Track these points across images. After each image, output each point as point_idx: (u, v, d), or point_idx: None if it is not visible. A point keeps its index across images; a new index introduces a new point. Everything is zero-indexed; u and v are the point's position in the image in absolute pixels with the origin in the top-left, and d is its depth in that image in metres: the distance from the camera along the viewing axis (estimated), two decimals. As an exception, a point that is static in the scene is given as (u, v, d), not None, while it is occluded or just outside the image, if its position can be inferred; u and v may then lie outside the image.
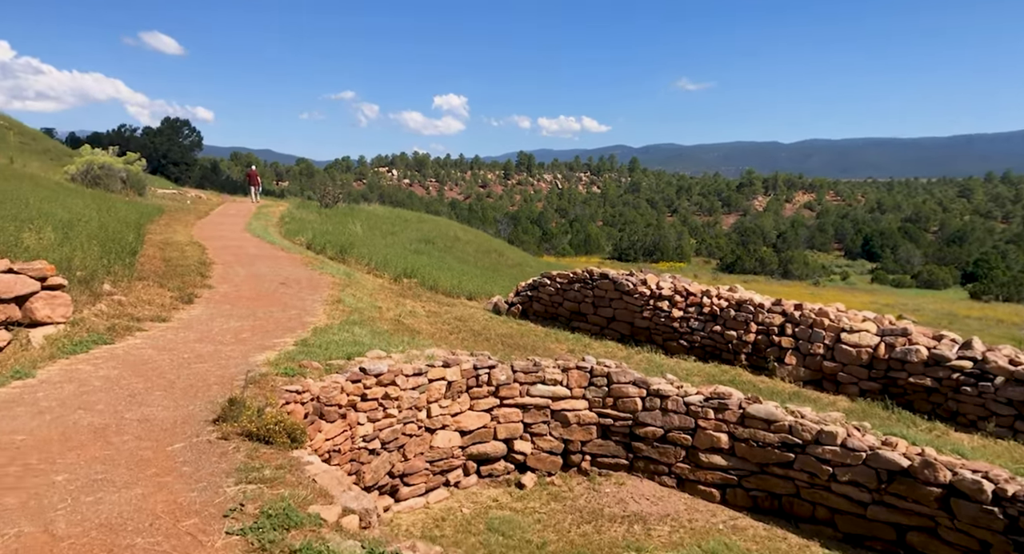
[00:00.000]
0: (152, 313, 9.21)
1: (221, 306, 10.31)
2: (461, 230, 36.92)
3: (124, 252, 11.37)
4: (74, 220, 11.70)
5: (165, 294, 10.37)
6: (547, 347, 11.05)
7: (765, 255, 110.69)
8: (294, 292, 11.91)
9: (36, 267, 7.27)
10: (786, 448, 7.65)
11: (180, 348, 7.67)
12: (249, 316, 9.81)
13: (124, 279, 10.32)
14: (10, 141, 34.74)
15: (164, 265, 12.59)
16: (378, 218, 33.98)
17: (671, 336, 11.20)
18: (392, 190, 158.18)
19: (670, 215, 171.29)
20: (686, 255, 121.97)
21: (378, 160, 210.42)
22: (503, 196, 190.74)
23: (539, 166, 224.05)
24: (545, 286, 12.74)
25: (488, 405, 8.52)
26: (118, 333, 7.98)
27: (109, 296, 9.26)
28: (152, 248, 14.42)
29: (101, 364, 6.66)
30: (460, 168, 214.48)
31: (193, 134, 59.67)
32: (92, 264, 9.58)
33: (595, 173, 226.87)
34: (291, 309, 10.54)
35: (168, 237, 17.36)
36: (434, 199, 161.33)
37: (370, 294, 12.94)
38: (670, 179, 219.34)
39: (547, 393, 8.69)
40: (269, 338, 8.64)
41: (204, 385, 6.20)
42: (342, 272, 14.60)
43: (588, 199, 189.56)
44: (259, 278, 12.80)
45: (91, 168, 26.78)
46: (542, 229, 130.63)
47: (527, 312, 13.02)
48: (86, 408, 5.21)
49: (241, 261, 14.67)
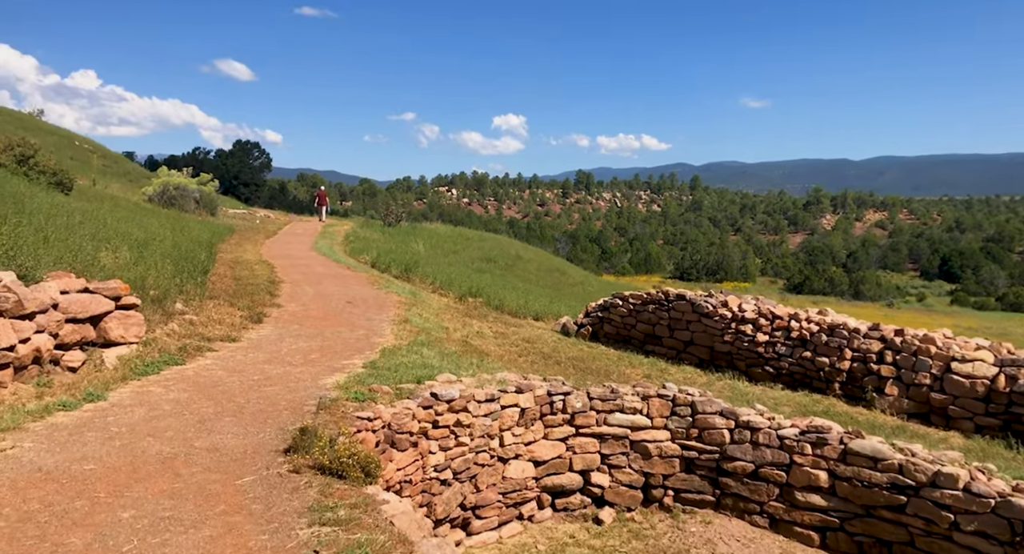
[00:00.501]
0: (222, 333, 9.14)
1: (290, 326, 10.19)
2: (522, 248, 36.67)
3: (196, 271, 11.43)
4: (149, 239, 11.87)
5: (235, 313, 10.32)
6: (621, 372, 10.52)
7: (835, 275, 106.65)
8: (361, 311, 11.74)
9: (111, 286, 7.23)
10: (896, 490, 6.89)
11: (249, 370, 7.50)
12: (317, 336, 9.65)
13: (196, 298, 10.34)
14: (94, 164, 36.43)
15: (234, 284, 12.64)
16: (440, 237, 34.08)
17: (755, 362, 10.49)
18: (451, 209, 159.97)
19: (733, 234, 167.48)
20: (751, 275, 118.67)
21: (438, 180, 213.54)
22: (561, 215, 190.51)
23: (598, 184, 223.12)
24: (617, 307, 12.21)
25: (563, 434, 8.05)
26: (189, 353, 7.88)
27: (181, 315, 9.24)
28: (223, 267, 14.58)
29: (172, 386, 6.51)
30: (518, 187, 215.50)
31: (263, 156, 61.62)
32: (165, 283, 9.60)
33: (655, 191, 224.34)
34: (359, 329, 10.35)
35: (238, 256, 17.61)
36: (492, 217, 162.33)
37: (436, 314, 12.68)
38: (733, 197, 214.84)
39: (626, 422, 8.15)
40: (338, 359, 8.42)
41: (274, 410, 5.95)
42: (407, 291, 14.42)
43: (648, 217, 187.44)
44: (327, 297, 12.71)
45: (167, 189, 27.71)
46: (601, 248, 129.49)
47: (597, 334, 12.50)
48: (155, 435, 5.00)
49: (309, 280, 14.68)
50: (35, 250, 6.84)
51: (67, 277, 6.86)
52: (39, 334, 6.10)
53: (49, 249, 7.48)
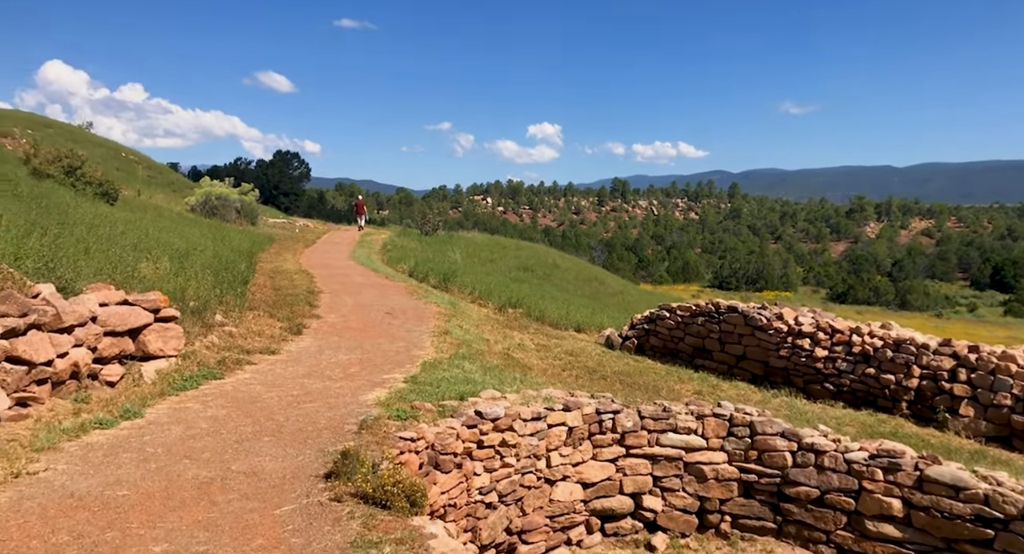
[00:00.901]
0: (262, 345, 8.96)
1: (329, 337, 9.99)
2: (559, 257, 36.26)
3: (236, 281, 11.34)
4: (190, 249, 11.83)
5: (275, 324, 10.16)
6: (670, 387, 10.06)
7: (880, 284, 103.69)
8: (400, 323, 11.50)
9: (150, 298, 7.08)
10: (982, 522, 6.32)
11: (289, 384, 7.28)
12: (357, 349, 9.42)
13: (235, 309, 10.21)
14: (139, 175, 37.20)
15: (274, 294, 12.53)
16: (476, 245, 33.90)
17: (814, 378, 9.93)
18: (487, 217, 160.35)
19: (773, 242, 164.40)
20: (792, 284, 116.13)
21: (473, 188, 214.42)
22: (597, 223, 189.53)
23: (634, 192, 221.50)
24: (664, 319, 11.75)
25: (612, 454, 7.64)
26: (228, 367, 7.69)
27: (220, 327, 9.10)
28: (263, 276, 14.52)
29: (210, 402, 6.31)
30: (554, 195, 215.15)
31: (302, 166, 62.43)
32: (205, 294, 9.49)
33: (692, 199, 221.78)
34: (399, 341, 10.10)
35: (278, 265, 17.60)
36: (527, 226, 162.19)
37: (476, 325, 12.37)
38: (773, 205, 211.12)
39: (679, 443, 7.71)
40: (378, 373, 8.16)
41: (314, 429, 5.69)
42: (446, 301, 14.16)
43: (685, 226, 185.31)
44: (366, 308, 12.52)
45: (209, 199, 28.07)
46: (638, 256, 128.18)
47: (643, 347, 12.05)
48: (191, 457, 4.77)
49: (348, 290, 14.53)
50: (75, 261, 6.73)
51: (106, 289, 6.73)
52: (77, 348, 5.95)
53: (90, 260, 7.38)
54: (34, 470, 4.29)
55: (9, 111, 47.65)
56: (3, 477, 4.12)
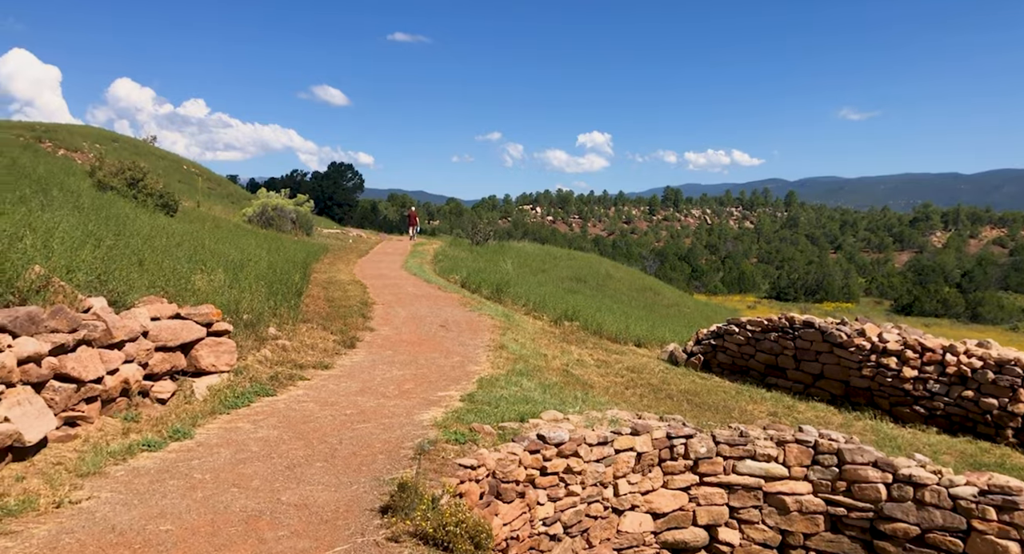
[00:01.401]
0: (315, 359, 8.72)
1: (383, 351, 9.70)
2: (612, 267, 35.55)
3: (290, 293, 11.18)
4: (245, 260, 11.74)
5: (328, 338, 9.93)
6: (742, 408, 9.40)
7: (948, 296, 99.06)
8: (455, 336, 11.15)
9: (202, 312, 6.87)
10: (1118, 574, 5.53)
11: (342, 402, 6.96)
12: (411, 363, 9.09)
13: (289, 321, 10.02)
14: (199, 186, 38.15)
15: (327, 306, 12.35)
16: (528, 255, 33.50)
17: (901, 400, 9.13)
18: (536, 227, 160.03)
19: (833, 252, 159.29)
20: (854, 295, 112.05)
21: (522, 198, 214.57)
22: (648, 232, 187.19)
23: (686, 201, 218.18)
24: (733, 334, 11.08)
25: (685, 483, 7.07)
26: (280, 383, 7.44)
27: (274, 340, 8.89)
28: (316, 288, 14.40)
29: (261, 422, 6.02)
30: (604, 204, 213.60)
31: (355, 177, 63.35)
32: (259, 306, 9.31)
33: (747, 208, 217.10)
34: (453, 356, 9.73)
35: (332, 276, 17.53)
36: (577, 235, 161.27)
37: (532, 339, 11.93)
38: (832, 213, 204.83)
39: (758, 471, 7.09)
40: (433, 390, 7.79)
41: (369, 453, 5.33)
42: (500, 313, 13.76)
43: (740, 235, 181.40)
44: (419, 320, 12.22)
45: (265, 210, 28.47)
46: (691, 266, 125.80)
47: (710, 364, 11.39)
48: (240, 485, 4.45)
49: (401, 301, 14.29)
50: (127, 274, 6.57)
51: (159, 302, 6.54)
52: (128, 364, 5.75)
53: (144, 272, 7.24)
54: (77, 499, 4.03)
55: (79, 127, 49.70)
56: (44, 507, 3.86)
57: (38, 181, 11.41)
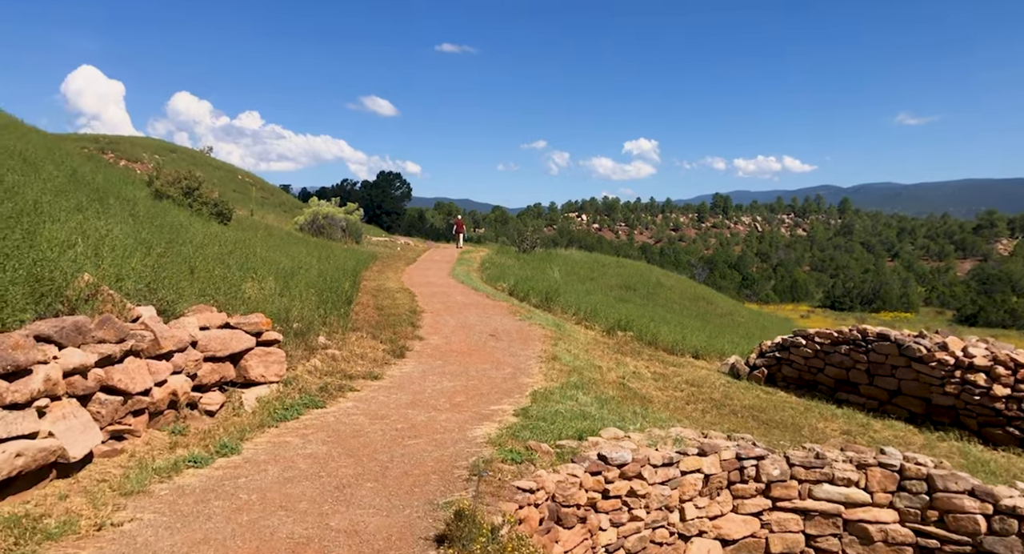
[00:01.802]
0: (364, 369, 8.50)
1: (432, 361, 9.44)
2: (663, 275, 34.79)
3: (340, 301, 11.04)
4: (296, 268, 11.67)
5: (378, 347, 9.73)
6: (812, 426, 8.81)
7: (1017, 306, 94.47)
8: (505, 346, 10.83)
9: (252, 321, 6.70)
10: None
11: (392, 415, 6.70)
12: (462, 374, 8.79)
13: (339, 330, 9.86)
14: (252, 196, 38.91)
15: (377, 314, 12.19)
16: (575, 263, 33.06)
17: (992, 420, 8.41)
18: (581, 234, 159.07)
19: (890, 260, 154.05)
20: (913, 304, 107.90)
21: (568, 206, 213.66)
22: (697, 239, 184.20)
23: (736, 208, 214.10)
24: (799, 347, 10.46)
25: (756, 507, 6.58)
26: (330, 394, 7.23)
27: (323, 350, 8.71)
28: (366, 295, 14.29)
29: (310, 436, 5.79)
30: (651, 211, 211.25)
31: (403, 186, 63.88)
32: (309, 315, 9.16)
33: (799, 215, 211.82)
34: (505, 367, 9.41)
35: (381, 283, 17.45)
36: (624, 243, 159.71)
37: (585, 350, 11.52)
38: (888, 220, 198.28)
39: (837, 496, 6.55)
40: (485, 404, 7.48)
41: (421, 473, 5.02)
42: (551, 323, 13.39)
43: (792, 242, 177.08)
44: (469, 329, 11.94)
45: (316, 218, 28.77)
46: (742, 274, 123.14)
47: (774, 377, 10.79)
48: (288, 507, 4.19)
49: (450, 309, 14.06)
50: (177, 282, 6.45)
51: (208, 311, 6.40)
52: (176, 375, 5.59)
53: (194, 281, 7.13)
54: (119, 520, 3.82)
55: (140, 138, 51.42)
56: (85, 529, 3.67)
57: (97, 190, 11.56)
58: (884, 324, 62.96)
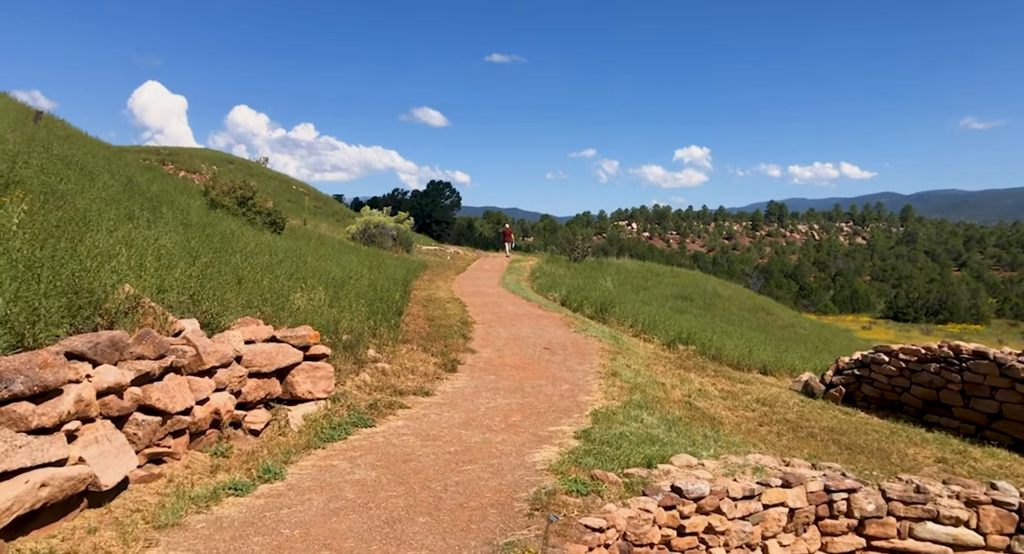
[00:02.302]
0: (415, 384, 8.11)
1: (485, 376, 8.99)
2: (720, 285, 33.69)
3: (390, 312, 10.72)
4: (346, 278, 11.41)
5: (429, 360, 9.34)
6: (901, 452, 8.01)
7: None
8: (560, 360, 10.31)
9: (300, 334, 6.38)
10: None
11: (445, 436, 6.26)
12: (517, 391, 8.32)
13: (389, 342, 9.51)
14: (306, 205, 39.38)
15: (428, 325, 11.83)
16: (628, 272, 32.28)
17: (1112, 452, 7.48)
18: (631, 243, 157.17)
19: (957, 269, 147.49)
20: (983, 316, 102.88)
21: (617, 214, 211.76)
22: (751, 248, 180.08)
23: (792, 216, 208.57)
24: (881, 364, 9.63)
25: (848, 546, 5.89)
26: (379, 411, 6.84)
27: (373, 363, 8.36)
28: (416, 306, 13.98)
29: (358, 459, 5.39)
30: (703, 219, 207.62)
31: (453, 195, 64.06)
32: (358, 326, 8.83)
33: (858, 223, 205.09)
34: (561, 383, 8.89)
35: (431, 293, 17.15)
36: (675, 251, 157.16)
37: (646, 365, 10.91)
38: (954, 229, 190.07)
39: (943, 537, 5.81)
40: (543, 424, 6.98)
41: (478, 506, 4.56)
42: (607, 335, 12.81)
43: (851, 251, 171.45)
44: (521, 341, 11.47)
45: (368, 227, 28.82)
46: (799, 283, 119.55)
47: (853, 397, 9.97)
48: (332, 546, 3.77)
49: (501, 320, 13.62)
50: (222, 294, 6.16)
51: (254, 324, 6.09)
52: (219, 393, 5.26)
53: (241, 291, 6.85)
54: (148, 560, 3.46)
55: (198, 150, 52.81)
56: (111, 569, 3.32)
57: (151, 199, 11.55)
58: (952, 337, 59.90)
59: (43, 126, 15.16)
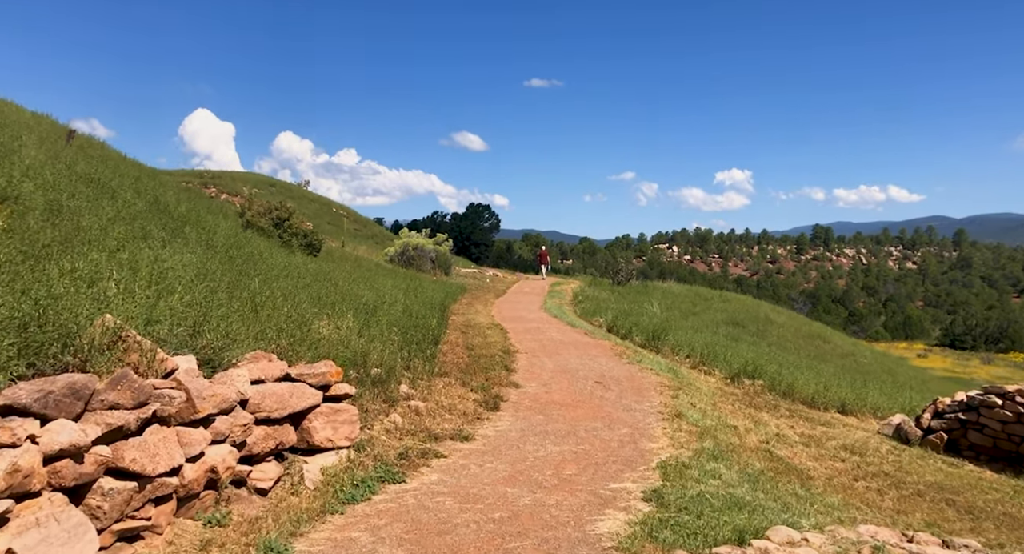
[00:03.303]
0: (453, 427, 7.10)
1: (532, 416, 7.94)
2: (771, 310, 32.01)
3: (426, 341, 9.77)
4: (379, 303, 10.52)
5: (468, 396, 8.34)
6: (1032, 518, 6.67)
7: None
8: (615, 397, 9.21)
9: (318, 371, 5.44)
10: None
11: (488, 495, 5.23)
12: (569, 435, 7.24)
13: (424, 376, 8.55)
14: (345, 227, 39.07)
15: (467, 354, 10.84)
16: (674, 296, 30.88)
17: None
18: (672, 266, 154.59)
19: (1016, 296, 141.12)
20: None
21: (657, 237, 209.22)
22: (796, 272, 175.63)
23: (838, 239, 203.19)
24: (994, 408, 8.28)
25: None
26: (411, 462, 5.85)
27: (405, 401, 7.39)
28: (455, 332, 13.02)
29: (383, 529, 4.39)
30: (746, 243, 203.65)
31: (492, 217, 63.47)
32: (390, 358, 7.89)
33: (908, 247, 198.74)
34: (620, 425, 7.78)
35: (470, 318, 16.21)
36: (717, 275, 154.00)
37: (712, 403, 9.71)
38: (1012, 253, 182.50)
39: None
40: (603, 479, 5.90)
41: (533, 608, 3.49)
42: (664, 368, 11.63)
43: (902, 276, 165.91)
44: (570, 374, 10.39)
45: (406, 249, 28.15)
46: (847, 309, 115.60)
47: (957, 444, 8.61)
48: None
49: (546, 349, 12.56)
50: (228, 324, 5.26)
51: (265, 359, 5.17)
52: (217, 445, 4.33)
53: (255, 320, 5.96)
54: None
55: (241, 173, 53.31)
56: None
57: (176, 219, 10.89)
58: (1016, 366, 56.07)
59: (76, 146, 14.79)
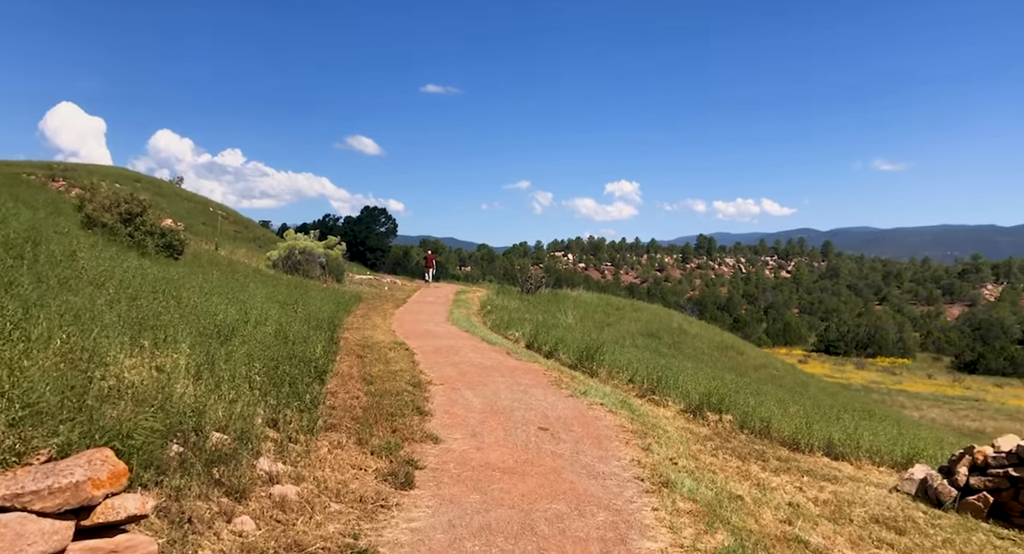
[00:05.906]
0: (341, 529, 4.37)
1: (463, 496, 5.31)
2: (684, 320, 30.87)
3: (304, 378, 6.92)
4: (239, 323, 7.53)
5: (367, 465, 5.61)
6: None
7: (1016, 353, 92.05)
8: (570, 451, 6.76)
9: (65, 481, 2.60)
10: None
11: None
12: (523, 532, 4.69)
13: (301, 433, 5.73)
14: (220, 227, 34.65)
15: (364, 392, 8.05)
16: (588, 306, 29.07)
17: None
18: (568, 274, 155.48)
19: (878, 303, 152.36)
20: (909, 350, 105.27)
21: (554, 245, 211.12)
22: (682, 280, 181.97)
23: (720, 249, 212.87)
24: (1055, 462, 6.47)
25: None
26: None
27: (266, 487, 4.58)
28: (348, 358, 10.16)
29: None
30: (636, 251, 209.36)
31: (389, 222, 59.98)
32: (245, 412, 5.06)
33: (782, 257, 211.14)
34: (591, 506, 5.32)
35: (368, 335, 13.34)
36: (610, 282, 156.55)
37: (693, 456, 7.44)
38: (873, 264, 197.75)
39: None
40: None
41: None
42: (615, 401, 9.31)
43: (778, 284, 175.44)
44: (503, 416, 7.85)
45: (292, 253, 24.70)
46: (732, 316, 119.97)
47: (1005, 508, 6.75)
48: None
49: (466, 377, 9.96)
50: None
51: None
52: None
53: None
54: None
55: (101, 166, 47.09)
56: None
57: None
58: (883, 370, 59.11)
59: None
